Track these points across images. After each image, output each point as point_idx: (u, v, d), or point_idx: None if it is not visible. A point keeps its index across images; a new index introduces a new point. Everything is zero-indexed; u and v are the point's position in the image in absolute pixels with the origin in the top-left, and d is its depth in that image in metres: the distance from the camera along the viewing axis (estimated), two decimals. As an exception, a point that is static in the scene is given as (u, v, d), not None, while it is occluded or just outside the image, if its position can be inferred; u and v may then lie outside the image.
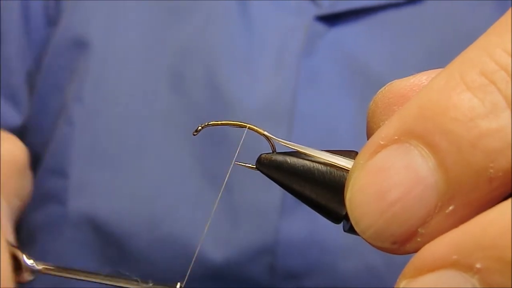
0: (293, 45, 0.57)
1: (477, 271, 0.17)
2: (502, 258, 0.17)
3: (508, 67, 0.18)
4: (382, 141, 0.20)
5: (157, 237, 0.54)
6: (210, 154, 0.55)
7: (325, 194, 0.23)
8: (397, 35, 0.58)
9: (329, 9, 0.58)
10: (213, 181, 0.55)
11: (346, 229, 0.23)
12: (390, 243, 0.20)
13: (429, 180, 0.19)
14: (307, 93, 0.56)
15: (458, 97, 0.18)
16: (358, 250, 0.52)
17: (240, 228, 0.53)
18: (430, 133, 0.19)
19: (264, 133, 0.25)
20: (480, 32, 0.20)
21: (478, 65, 0.18)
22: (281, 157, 0.24)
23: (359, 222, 0.20)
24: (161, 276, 0.54)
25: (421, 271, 0.18)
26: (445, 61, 0.20)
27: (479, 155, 0.18)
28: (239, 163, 0.26)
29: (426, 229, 0.19)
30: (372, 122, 0.24)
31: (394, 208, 0.19)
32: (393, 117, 0.20)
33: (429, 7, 0.59)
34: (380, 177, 0.19)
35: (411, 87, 0.23)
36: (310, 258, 0.53)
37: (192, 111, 0.56)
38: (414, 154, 0.19)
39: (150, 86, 0.58)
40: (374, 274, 0.52)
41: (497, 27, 0.19)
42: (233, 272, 0.53)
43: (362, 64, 0.57)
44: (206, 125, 0.25)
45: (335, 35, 0.58)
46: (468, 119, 0.18)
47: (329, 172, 0.23)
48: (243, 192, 0.54)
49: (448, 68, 0.19)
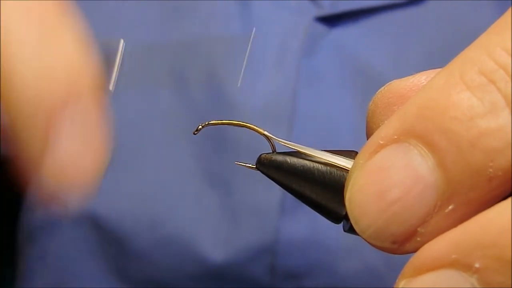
0: (293, 45, 0.57)
1: (476, 271, 0.17)
2: (501, 258, 0.17)
3: (508, 66, 0.18)
4: (382, 141, 0.20)
5: (157, 236, 0.54)
6: (210, 154, 0.55)
7: (325, 194, 0.23)
8: (398, 35, 0.58)
9: (329, 10, 0.58)
10: (213, 181, 0.55)
11: (346, 229, 0.23)
12: (390, 242, 0.20)
13: (429, 179, 0.19)
14: (307, 93, 0.56)
15: (458, 96, 0.18)
16: (358, 250, 0.52)
17: (240, 228, 0.53)
18: (429, 133, 0.19)
19: (264, 133, 0.25)
20: (481, 32, 0.20)
21: (478, 64, 0.19)
22: (281, 157, 0.24)
23: (358, 221, 0.20)
24: (161, 275, 0.54)
25: (420, 271, 0.18)
26: (446, 61, 0.20)
27: (478, 154, 0.18)
28: (239, 163, 0.26)
29: (425, 229, 0.19)
30: (371, 122, 0.24)
31: (394, 208, 0.19)
32: (393, 117, 0.20)
33: (430, 7, 0.59)
34: (380, 177, 0.19)
35: (410, 87, 0.23)
36: (310, 258, 0.53)
37: (192, 111, 0.56)
38: (413, 153, 0.19)
39: (150, 85, 0.58)
40: (374, 274, 0.52)
41: (497, 26, 0.19)
42: (233, 272, 0.53)
43: (363, 64, 0.57)
44: (206, 125, 0.25)
45: (336, 35, 0.58)
46: (467, 118, 0.18)
47: (329, 172, 0.23)
48: (243, 192, 0.54)
49: (448, 68, 0.19)
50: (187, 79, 0.57)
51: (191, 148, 0.56)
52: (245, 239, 0.53)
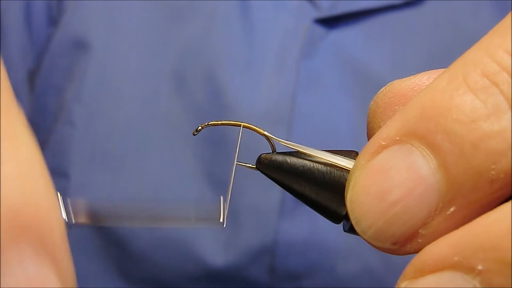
0: (293, 47, 0.57)
1: (479, 273, 0.17)
2: (503, 260, 0.17)
3: (510, 69, 0.18)
4: (384, 142, 0.20)
5: (157, 237, 0.54)
6: (210, 155, 0.55)
7: (325, 194, 0.23)
8: (396, 36, 0.58)
9: (327, 12, 0.58)
10: (213, 181, 0.55)
11: (346, 229, 0.23)
12: (391, 243, 0.20)
13: (431, 180, 0.19)
14: (306, 94, 0.56)
15: (460, 98, 0.18)
16: (358, 251, 0.52)
17: (240, 229, 0.53)
18: (432, 134, 0.19)
19: (264, 133, 0.25)
20: (479, 33, 0.20)
21: (480, 66, 0.18)
22: (281, 157, 0.24)
23: (359, 222, 0.20)
24: (161, 275, 0.54)
25: (422, 272, 0.18)
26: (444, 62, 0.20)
27: (480, 156, 0.18)
28: (239, 163, 0.26)
29: (427, 230, 0.19)
30: (373, 122, 0.24)
31: (395, 209, 0.19)
32: (395, 117, 0.20)
33: (428, 8, 0.59)
34: (381, 178, 0.19)
35: (412, 87, 0.23)
36: (310, 259, 0.53)
37: (192, 112, 0.56)
38: (415, 154, 0.19)
39: (151, 87, 0.58)
40: (373, 275, 0.52)
41: (499, 28, 0.19)
42: (233, 272, 0.53)
43: (362, 66, 0.57)
44: (206, 125, 0.25)
45: (334, 37, 0.58)
46: (470, 120, 0.18)
47: (329, 172, 0.23)
48: (243, 193, 0.54)
49: (451, 69, 0.19)
50: (187, 80, 0.57)
51: (191, 148, 0.56)
52: (245, 240, 0.53)
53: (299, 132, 0.55)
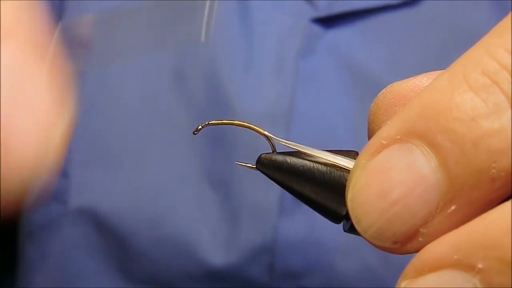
0: (291, 47, 0.57)
1: (479, 271, 0.17)
2: (504, 259, 0.17)
3: (510, 67, 0.18)
4: (384, 141, 0.20)
5: (157, 236, 0.54)
6: (210, 154, 0.55)
7: (325, 194, 0.23)
8: (394, 36, 0.58)
9: (325, 11, 0.58)
10: (213, 181, 0.55)
11: (346, 229, 0.23)
12: (391, 242, 0.20)
13: (431, 179, 0.19)
14: (304, 94, 0.56)
15: (461, 97, 0.18)
16: (357, 250, 0.52)
17: (239, 228, 0.53)
18: (432, 133, 0.19)
19: (264, 133, 0.25)
20: (477, 32, 0.20)
21: (481, 65, 0.19)
22: (281, 157, 0.24)
23: (360, 221, 0.20)
24: (161, 274, 0.54)
25: (422, 271, 0.18)
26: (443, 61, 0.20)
27: (481, 155, 0.18)
28: (239, 163, 0.26)
29: (427, 229, 0.19)
30: (373, 123, 0.24)
31: (396, 208, 0.19)
32: (395, 117, 0.20)
33: (426, 8, 0.59)
34: (382, 177, 0.19)
35: (412, 88, 0.23)
36: (309, 258, 0.53)
37: (192, 111, 0.56)
38: (416, 153, 0.19)
39: (151, 86, 0.58)
40: (373, 274, 0.52)
41: (500, 27, 0.19)
42: (232, 271, 0.53)
43: (360, 65, 0.57)
44: (206, 124, 0.25)
45: (332, 36, 0.58)
46: (470, 119, 0.18)
47: (329, 172, 0.23)
48: (243, 192, 0.54)
49: (451, 68, 0.19)
50: (187, 79, 0.57)
51: (191, 148, 0.56)
52: (244, 238, 0.53)
53: (297, 131, 0.55)
